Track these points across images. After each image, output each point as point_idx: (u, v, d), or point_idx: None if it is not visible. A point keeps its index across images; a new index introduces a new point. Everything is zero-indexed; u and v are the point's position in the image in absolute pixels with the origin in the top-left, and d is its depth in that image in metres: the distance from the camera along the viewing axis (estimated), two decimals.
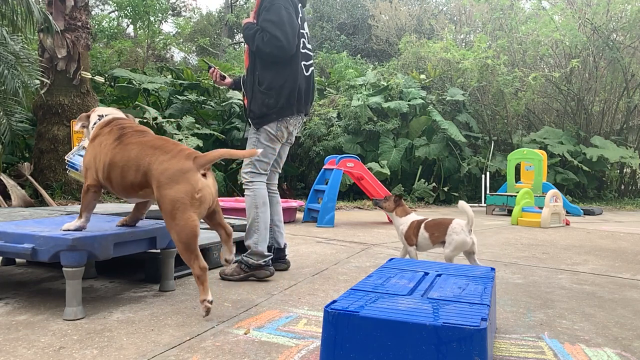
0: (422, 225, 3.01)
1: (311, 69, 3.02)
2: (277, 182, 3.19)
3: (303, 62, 2.94)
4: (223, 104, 9.54)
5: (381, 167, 8.94)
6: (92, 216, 2.70)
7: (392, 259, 2.35)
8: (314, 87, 3.15)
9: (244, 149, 2.92)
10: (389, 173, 8.93)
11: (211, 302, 2.08)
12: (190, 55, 18.43)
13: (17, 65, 5.89)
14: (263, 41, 2.73)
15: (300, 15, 2.93)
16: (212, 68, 3.16)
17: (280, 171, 3.19)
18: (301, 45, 2.92)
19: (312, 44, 3.22)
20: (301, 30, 2.92)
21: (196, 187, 2.05)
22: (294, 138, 3.09)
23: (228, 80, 3.19)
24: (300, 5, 2.95)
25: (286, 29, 2.72)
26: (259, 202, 2.87)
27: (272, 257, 2.92)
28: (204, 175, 2.11)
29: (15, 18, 5.84)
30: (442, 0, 18.73)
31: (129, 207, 3.75)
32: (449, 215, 7.44)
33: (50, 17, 6.42)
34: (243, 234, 3.49)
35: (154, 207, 3.65)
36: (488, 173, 9.71)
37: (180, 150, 2.15)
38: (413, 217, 3.09)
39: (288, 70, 2.85)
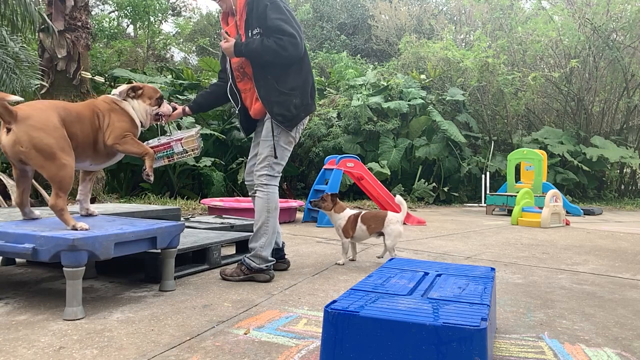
0: (359, 218, 3.34)
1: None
2: None
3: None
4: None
5: (381, 167, 8.94)
6: (92, 217, 2.71)
7: (392, 259, 2.36)
8: None
9: (245, 149, 2.91)
10: (389, 173, 8.93)
11: None
12: (190, 55, 18.41)
13: (16, 68, 5.89)
14: (280, 45, 2.62)
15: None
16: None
17: None
18: None
19: (312, 44, 3.20)
20: None
21: None
22: None
23: (178, 110, 2.95)
24: None
25: (295, 25, 2.68)
26: (271, 206, 2.83)
27: (274, 262, 2.91)
28: (8, 130, 2.15)
29: (15, 18, 5.84)
30: (442, 0, 18.74)
31: (128, 207, 3.75)
32: (450, 215, 7.46)
33: (48, 19, 6.42)
34: (244, 234, 3.50)
35: (152, 207, 3.65)
36: (488, 173, 9.72)
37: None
38: (349, 212, 3.40)
39: (305, 67, 2.82)
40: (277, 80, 2.74)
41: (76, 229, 2.17)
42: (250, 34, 2.71)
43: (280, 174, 2.91)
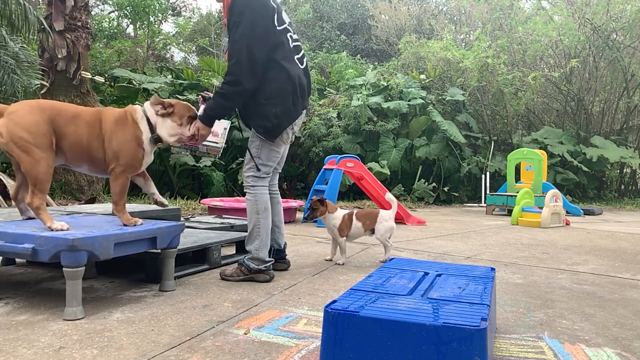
0: (354, 216, 3.43)
1: (305, 60, 2.87)
2: (277, 182, 3.15)
3: (296, 56, 2.78)
4: None
5: (381, 167, 8.94)
6: (91, 216, 2.71)
7: (392, 258, 2.36)
8: (310, 79, 3.01)
9: (246, 149, 2.89)
10: (389, 173, 8.93)
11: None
12: (190, 55, 18.42)
13: (17, 68, 5.89)
14: (232, 82, 2.48)
15: (277, 9, 2.69)
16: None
17: (280, 170, 3.15)
18: (290, 41, 2.74)
19: (312, 44, 3.15)
20: (284, 26, 2.70)
21: None
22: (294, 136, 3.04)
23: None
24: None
25: (251, 49, 2.50)
26: (261, 207, 2.79)
27: (273, 262, 2.89)
28: None
29: (14, 18, 5.85)
30: (442, 0, 18.75)
31: (128, 207, 3.75)
32: (450, 215, 7.46)
33: (44, 22, 6.43)
34: (244, 234, 3.49)
35: (152, 207, 3.65)
36: (488, 173, 9.72)
37: None
38: (341, 211, 3.46)
39: (283, 73, 2.66)
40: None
41: (52, 229, 2.14)
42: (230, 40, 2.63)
43: (269, 175, 2.86)
